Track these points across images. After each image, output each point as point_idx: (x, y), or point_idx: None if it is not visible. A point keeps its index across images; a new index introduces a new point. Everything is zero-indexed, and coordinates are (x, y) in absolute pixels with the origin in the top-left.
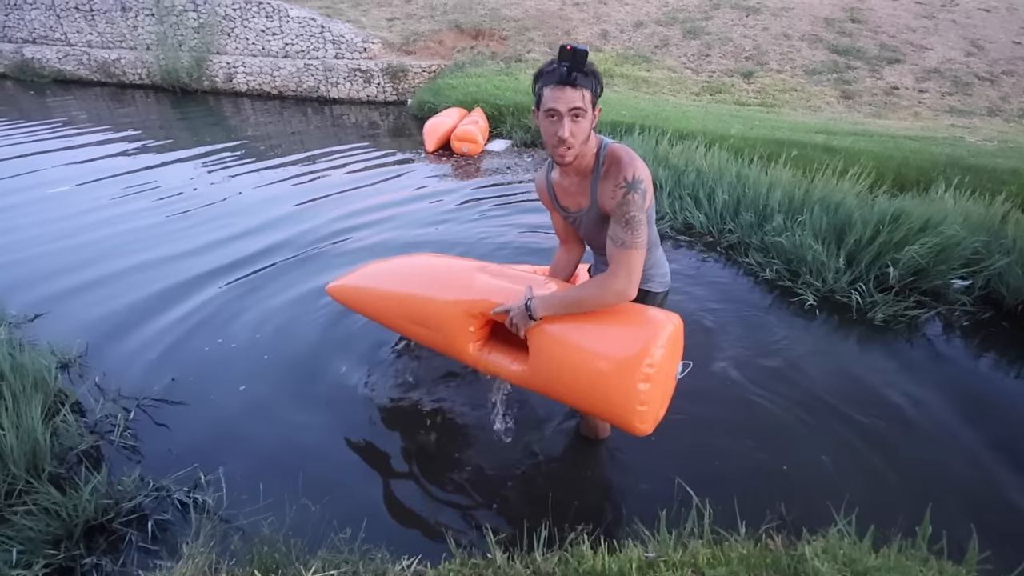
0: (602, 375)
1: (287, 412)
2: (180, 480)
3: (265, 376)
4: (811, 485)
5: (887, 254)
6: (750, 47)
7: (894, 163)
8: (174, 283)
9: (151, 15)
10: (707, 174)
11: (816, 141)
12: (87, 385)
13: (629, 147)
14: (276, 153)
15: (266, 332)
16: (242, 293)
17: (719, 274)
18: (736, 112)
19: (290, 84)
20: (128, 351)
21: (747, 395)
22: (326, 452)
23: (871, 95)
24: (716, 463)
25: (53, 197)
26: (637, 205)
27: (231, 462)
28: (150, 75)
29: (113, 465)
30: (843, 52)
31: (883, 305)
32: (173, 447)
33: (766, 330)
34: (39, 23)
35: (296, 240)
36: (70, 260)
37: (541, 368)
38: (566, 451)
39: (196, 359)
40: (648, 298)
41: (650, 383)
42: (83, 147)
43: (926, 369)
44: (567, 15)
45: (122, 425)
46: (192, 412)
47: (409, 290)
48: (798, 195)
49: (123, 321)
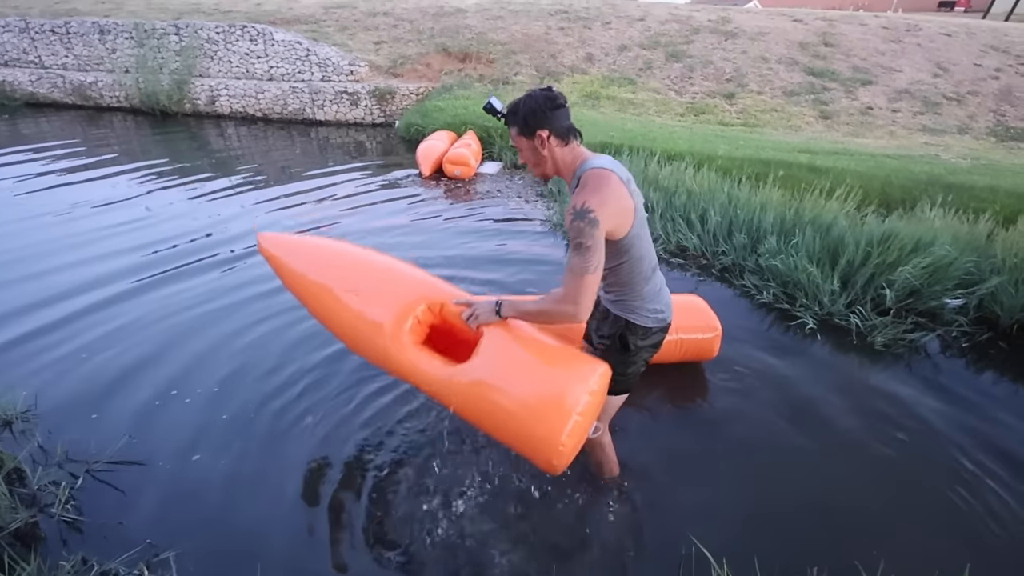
0: (533, 407)
1: (252, 478)
2: (129, 562)
3: (230, 434)
4: (821, 526)
5: (881, 275)
6: (731, 69)
7: (878, 182)
8: (137, 325)
9: (130, 38)
10: (698, 195)
11: (801, 161)
12: (29, 447)
13: (613, 167)
14: (260, 176)
15: (233, 384)
16: (212, 340)
17: (715, 297)
18: (721, 132)
19: (275, 107)
20: (80, 405)
21: (751, 427)
22: (290, 527)
23: (848, 115)
24: (716, 501)
25: (17, 226)
26: (584, 232)
27: (185, 539)
28: (128, 98)
29: (51, 546)
30: (819, 74)
31: (883, 328)
32: (125, 519)
33: (766, 356)
34: (12, 45)
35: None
36: (23, 298)
37: (480, 372)
38: (565, 491)
39: (156, 414)
40: (631, 329)
41: (573, 427)
42: (55, 173)
43: (930, 394)
44: (552, 39)
45: (65, 496)
46: (149, 476)
47: (352, 266)
48: (789, 216)
49: (77, 369)
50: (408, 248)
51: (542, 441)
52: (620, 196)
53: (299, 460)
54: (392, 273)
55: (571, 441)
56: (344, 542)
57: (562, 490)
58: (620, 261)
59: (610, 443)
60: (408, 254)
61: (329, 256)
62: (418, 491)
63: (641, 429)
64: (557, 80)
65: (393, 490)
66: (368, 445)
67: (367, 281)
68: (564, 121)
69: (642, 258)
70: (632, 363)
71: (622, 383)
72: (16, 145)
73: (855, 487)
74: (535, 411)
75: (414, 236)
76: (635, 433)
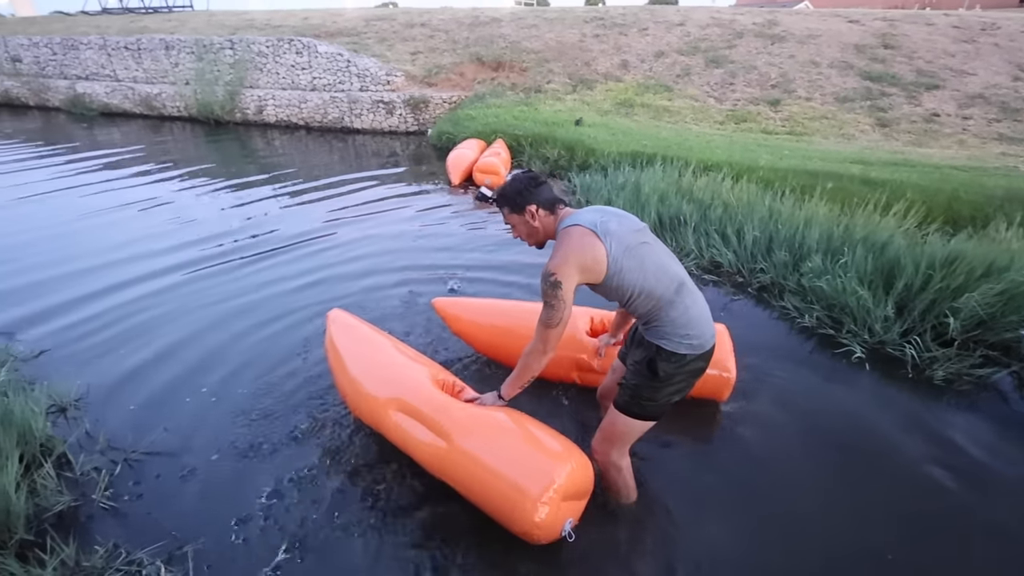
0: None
1: (277, 478)
2: (154, 553)
3: (262, 435)
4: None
5: (944, 302)
6: (776, 75)
7: (943, 197)
8: (182, 320)
9: (191, 53)
10: (735, 208)
11: (853, 172)
12: (78, 433)
13: (580, 220)
14: (299, 180)
15: (271, 387)
16: (257, 339)
17: (751, 318)
18: (764, 141)
19: (316, 115)
20: (126, 395)
21: (785, 464)
22: (312, 532)
23: (909, 122)
24: (738, 544)
25: (88, 225)
26: (547, 294)
27: (205, 534)
28: (187, 108)
29: (89, 531)
30: (876, 78)
31: (944, 361)
32: (154, 509)
33: (807, 387)
34: (92, 61)
35: (327, 281)
36: (86, 289)
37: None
38: (589, 524)
39: (192, 408)
40: (662, 355)
41: (548, 508)
42: (124, 178)
43: (1000, 439)
44: (587, 46)
45: (105, 482)
46: (180, 469)
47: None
48: (837, 233)
49: (127, 361)
50: (431, 251)
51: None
52: (582, 248)
53: (331, 464)
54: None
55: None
56: (372, 552)
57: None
58: (627, 296)
59: (629, 467)
60: (433, 260)
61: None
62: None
63: (664, 457)
64: (590, 88)
65: (422, 501)
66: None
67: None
68: (547, 195)
69: (650, 285)
70: (660, 390)
71: (650, 409)
72: (93, 150)
73: (904, 542)
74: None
75: (438, 240)
76: (657, 460)
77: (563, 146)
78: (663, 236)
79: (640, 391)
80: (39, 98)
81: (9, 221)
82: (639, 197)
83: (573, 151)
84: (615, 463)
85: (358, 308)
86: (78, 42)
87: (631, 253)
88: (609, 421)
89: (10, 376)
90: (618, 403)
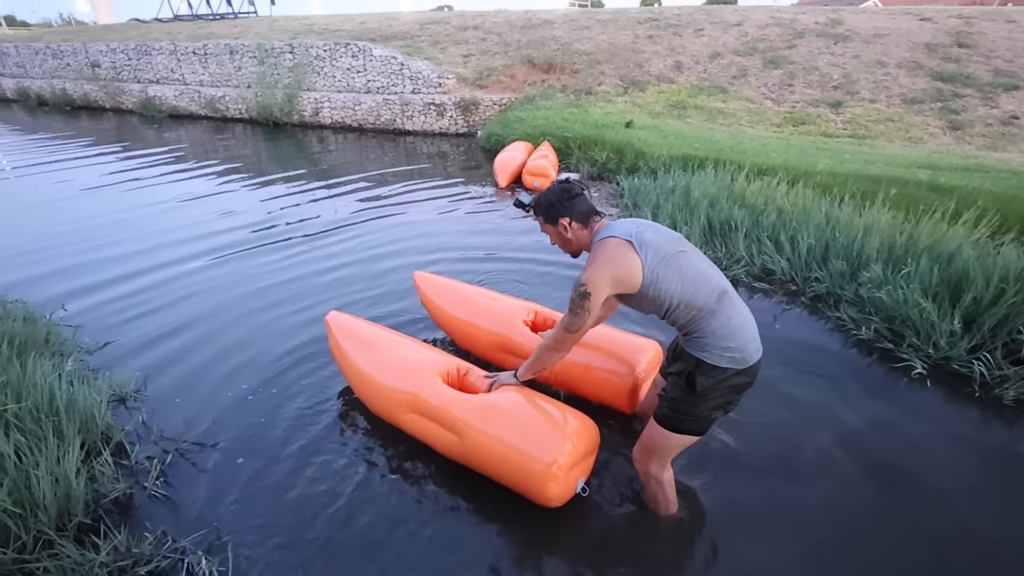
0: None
1: (319, 475)
2: (196, 542)
3: (305, 428)
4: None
5: (1018, 318)
6: (838, 75)
7: (1020, 205)
8: (245, 322)
9: (254, 57)
10: (790, 214)
11: (919, 178)
12: (134, 422)
13: (615, 232)
14: (351, 179)
15: (320, 385)
16: (313, 337)
17: (803, 329)
18: (823, 144)
19: (369, 117)
20: (180, 386)
21: (838, 484)
22: (346, 528)
23: (984, 125)
24: (786, 569)
25: (146, 210)
26: (574, 303)
27: (248, 525)
28: (248, 110)
29: (140, 517)
30: (949, 79)
31: (1016, 380)
32: (199, 499)
33: (863, 403)
34: (163, 65)
35: (382, 281)
36: (151, 287)
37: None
38: (626, 533)
39: (244, 401)
40: (701, 368)
41: (561, 473)
42: (183, 171)
43: None
44: (640, 48)
45: (157, 471)
46: (225, 460)
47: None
48: (900, 242)
49: (185, 353)
50: (471, 250)
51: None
52: (616, 259)
53: (371, 461)
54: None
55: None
56: (412, 549)
57: (615, 522)
58: (665, 306)
59: (670, 481)
60: (471, 262)
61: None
62: (484, 515)
63: (709, 471)
64: (642, 90)
65: (461, 506)
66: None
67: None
68: (582, 207)
69: (689, 294)
70: (699, 404)
71: (689, 424)
72: (161, 146)
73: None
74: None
75: (479, 239)
76: (701, 474)
77: (612, 149)
78: (713, 242)
79: (678, 405)
80: (114, 101)
81: (85, 208)
82: (688, 201)
83: (622, 154)
84: (655, 476)
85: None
86: (151, 48)
87: (668, 262)
88: (648, 432)
89: (76, 366)
90: (657, 415)
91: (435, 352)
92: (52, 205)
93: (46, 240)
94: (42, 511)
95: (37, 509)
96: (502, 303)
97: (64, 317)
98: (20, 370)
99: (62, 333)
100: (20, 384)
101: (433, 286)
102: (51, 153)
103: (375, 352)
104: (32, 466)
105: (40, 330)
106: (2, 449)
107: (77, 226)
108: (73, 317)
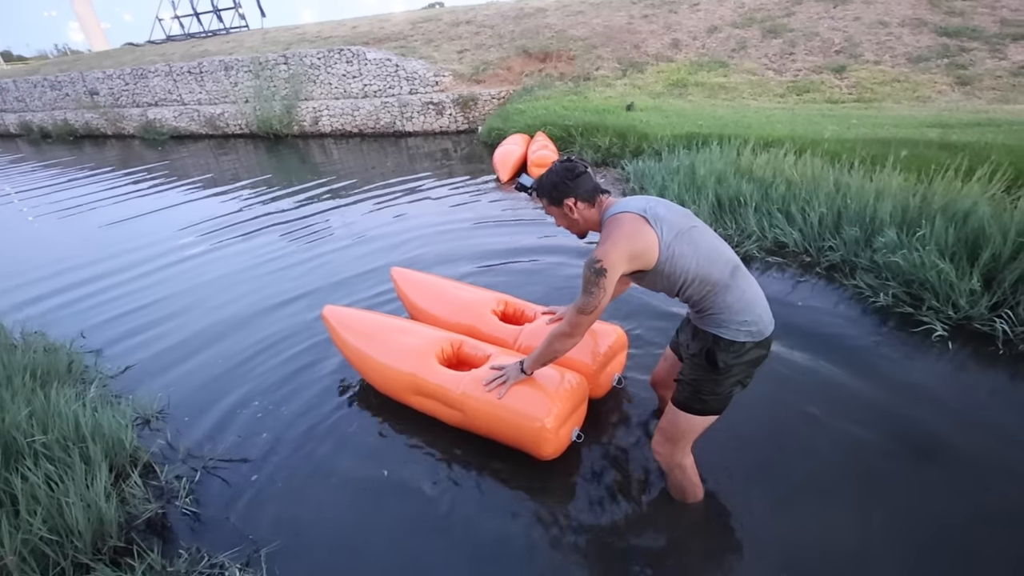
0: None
1: (344, 483)
2: (233, 557)
3: (329, 439)
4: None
5: None
6: (840, 39)
7: None
8: (260, 332)
9: (249, 71)
10: (799, 185)
11: (930, 137)
12: (160, 442)
13: (628, 207)
14: (355, 184)
15: (334, 387)
16: (331, 352)
17: (821, 299)
18: (829, 111)
19: (368, 122)
20: (202, 404)
21: (869, 457)
22: (377, 536)
23: (994, 78)
24: (821, 543)
25: (162, 245)
26: (589, 281)
27: (282, 537)
28: (248, 125)
29: (174, 536)
30: (954, 33)
31: None
32: (231, 514)
33: (887, 369)
34: (160, 87)
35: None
36: (170, 307)
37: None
38: (648, 521)
39: (265, 416)
40: (720, 345)
41: (555, 427)
42: (194, 201)
43: None
44: (635, 28)
45: (186, 489)
46: (254, 475)
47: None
48: (913, 204)
49: (203, 368)
50: (473, 247)
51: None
52: (633, 234)
53: (401, 468)
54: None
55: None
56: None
57: (641, 513)
58: (680, 282)
59: (692, 465)
60: (475, 259)
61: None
62: (516, 513)
63: (731, 450)
64: (640, 71)
65: (495, 510)
66: (484, 461)
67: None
68: (587, 185)
69: (704, 269)
70: (721, 382)
71: (712, 404)
72: (165, 172)
73: (999, 539)
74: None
75: (482, 237)
76: (724, 454)
77: (615, 133)
78: (722, 218)
79: (701, 385)
80: (115, 127)
81: (91, 239)
82: (695, 180)
83: (625, 138)
84: (679, 463)
85: None
86: (147, 71)
87: (683, 237)
88: (670, 421)
89: (99, 391)
90: (678, 400)
91: (428, 329)
92: (70, 240)
93: (66, 269)
94: (77, 536)
95: (72, 535)
96: (471, 293)
97: (83, 345)
98: (44, 400)
99: (84, 361)
100: (45, 414)
101: (408, 280)
102: (66, 190)
103: (374, 341)
104: (63, 494)
105: (62, 359)
106: (32, 479)
107: (87, 259)
108: (94, 343)
